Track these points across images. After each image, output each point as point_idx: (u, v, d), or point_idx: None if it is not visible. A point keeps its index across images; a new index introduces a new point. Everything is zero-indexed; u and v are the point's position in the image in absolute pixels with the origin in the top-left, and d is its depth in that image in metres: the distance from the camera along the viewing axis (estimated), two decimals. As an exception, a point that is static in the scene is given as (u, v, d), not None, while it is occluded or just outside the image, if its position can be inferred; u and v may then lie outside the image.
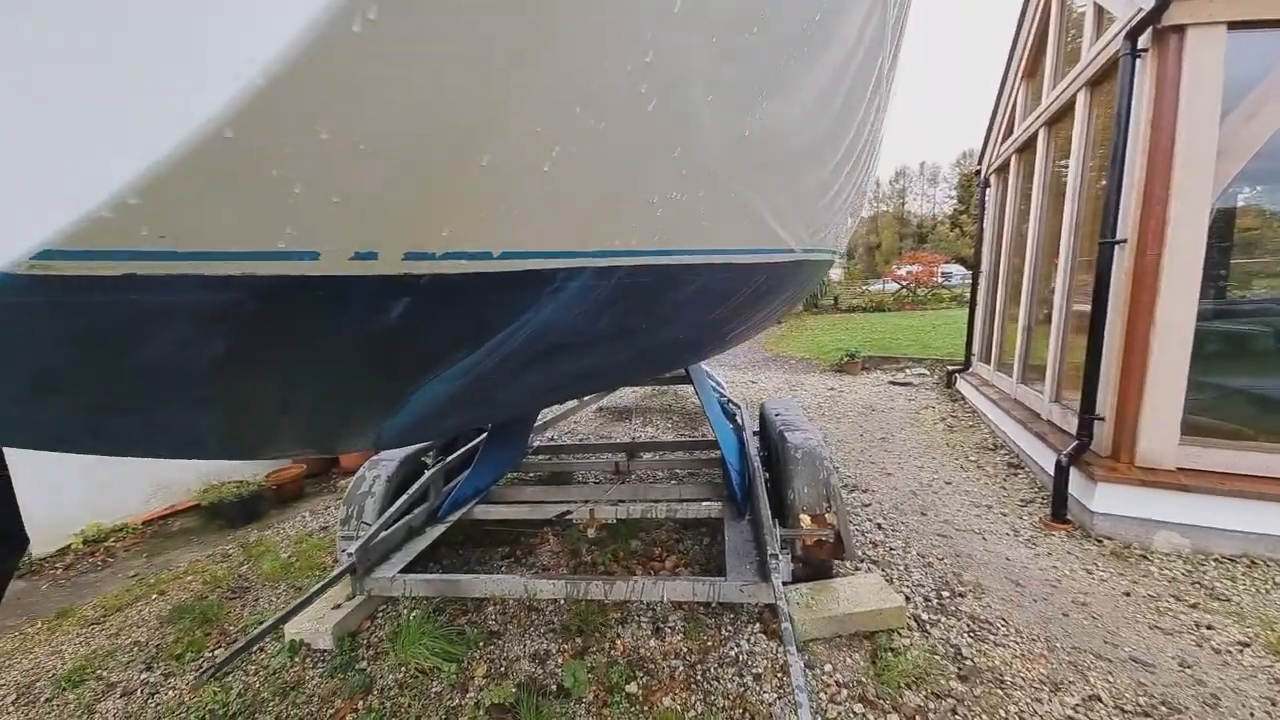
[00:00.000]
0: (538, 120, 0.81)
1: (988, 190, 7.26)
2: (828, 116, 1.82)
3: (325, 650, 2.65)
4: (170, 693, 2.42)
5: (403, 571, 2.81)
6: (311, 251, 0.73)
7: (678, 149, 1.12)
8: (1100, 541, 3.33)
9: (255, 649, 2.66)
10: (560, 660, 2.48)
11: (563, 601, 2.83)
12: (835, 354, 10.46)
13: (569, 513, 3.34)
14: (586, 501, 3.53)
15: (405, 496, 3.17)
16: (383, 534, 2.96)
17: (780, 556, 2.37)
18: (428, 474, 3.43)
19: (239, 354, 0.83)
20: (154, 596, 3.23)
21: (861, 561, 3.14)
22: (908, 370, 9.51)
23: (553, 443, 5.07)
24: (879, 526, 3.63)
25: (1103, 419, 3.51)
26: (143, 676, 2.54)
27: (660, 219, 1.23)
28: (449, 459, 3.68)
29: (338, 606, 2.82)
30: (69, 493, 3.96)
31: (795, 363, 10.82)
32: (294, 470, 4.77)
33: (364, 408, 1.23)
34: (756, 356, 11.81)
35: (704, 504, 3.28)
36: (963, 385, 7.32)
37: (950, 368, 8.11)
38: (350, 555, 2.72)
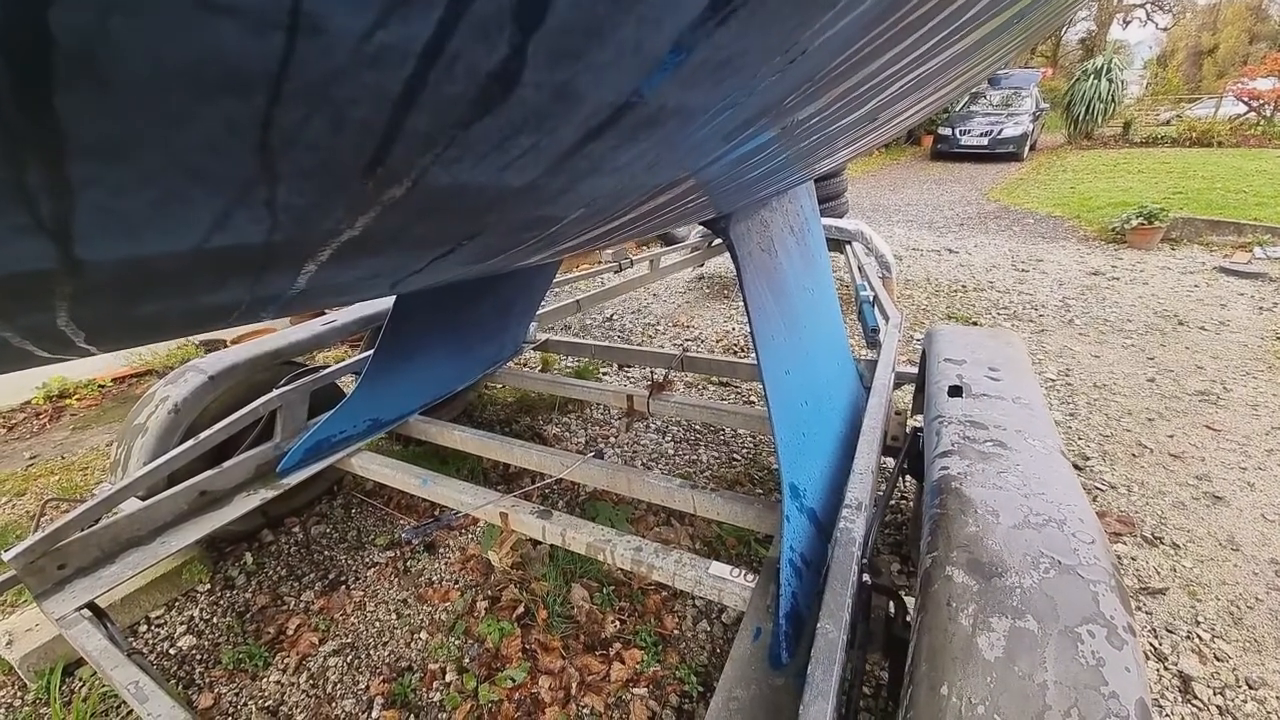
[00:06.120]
0: None
1: None
2: None
3: (24, 685, 1.60)
4: None
5: (92, 608, 1.52)
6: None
7: None
8: None
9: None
10: None
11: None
12: (1111, 211, 6.51)
13: (454, 515, 1.72)
14: (513, 491, 1.87)
15: (193, 441, 1.82)
16: (128, 509, 1.68)
17: None
18: (275, 392, 2.01)
19: None
20: (4, 500, 2.52)
21: None
22: (1256, 250, 5.47)
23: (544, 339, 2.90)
24: (1197, 702, 1.39)
25: None
26: None
27: None
28: (321, 371, 2.21)
29: (63, 618, 1.70)
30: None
31: (1035, 222, 7.07)
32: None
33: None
34: (970, 210, 8.10)
35: (710, 572, 1.37)
36: None
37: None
38: (9, 560, 1.49)
